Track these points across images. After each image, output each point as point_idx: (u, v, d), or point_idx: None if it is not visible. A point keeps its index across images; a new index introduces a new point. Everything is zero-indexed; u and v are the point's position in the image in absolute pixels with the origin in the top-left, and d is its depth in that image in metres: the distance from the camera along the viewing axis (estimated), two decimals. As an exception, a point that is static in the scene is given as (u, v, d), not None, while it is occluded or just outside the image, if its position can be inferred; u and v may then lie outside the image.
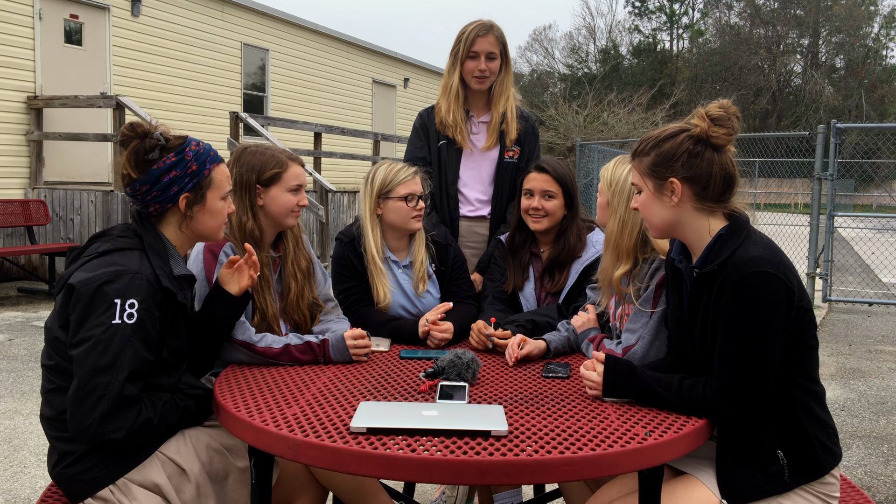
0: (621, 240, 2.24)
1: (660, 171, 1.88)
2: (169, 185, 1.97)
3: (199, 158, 2.01)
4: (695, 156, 1.85)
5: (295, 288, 2.46)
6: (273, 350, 2.20)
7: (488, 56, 3.07)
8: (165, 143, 1.97)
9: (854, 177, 24.07)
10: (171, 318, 1.97)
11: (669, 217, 1.91)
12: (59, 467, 1.91)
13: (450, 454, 1.55)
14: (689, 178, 1.86)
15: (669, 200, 1.89)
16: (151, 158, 1.96)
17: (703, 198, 1.87)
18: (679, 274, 2.00)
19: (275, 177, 2.38)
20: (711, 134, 1.84)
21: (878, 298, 9.37)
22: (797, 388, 1.83)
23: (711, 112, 1.85)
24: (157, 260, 1.94)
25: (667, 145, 1.87)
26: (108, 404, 1.76)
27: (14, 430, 4.15)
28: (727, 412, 1.79)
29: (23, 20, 9.83)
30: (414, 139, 3.25)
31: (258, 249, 2.35)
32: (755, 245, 1.79)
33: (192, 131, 2.06)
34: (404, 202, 2.65)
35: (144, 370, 1.85)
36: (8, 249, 8.20)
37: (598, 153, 16.66)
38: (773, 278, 1.74)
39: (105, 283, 1.82)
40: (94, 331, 1.79)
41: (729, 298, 1.77)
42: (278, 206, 2.39)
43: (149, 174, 1.96)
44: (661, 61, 46.02)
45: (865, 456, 4.09)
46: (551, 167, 2.72)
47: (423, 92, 19.66)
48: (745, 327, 1.75)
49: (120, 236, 1.98)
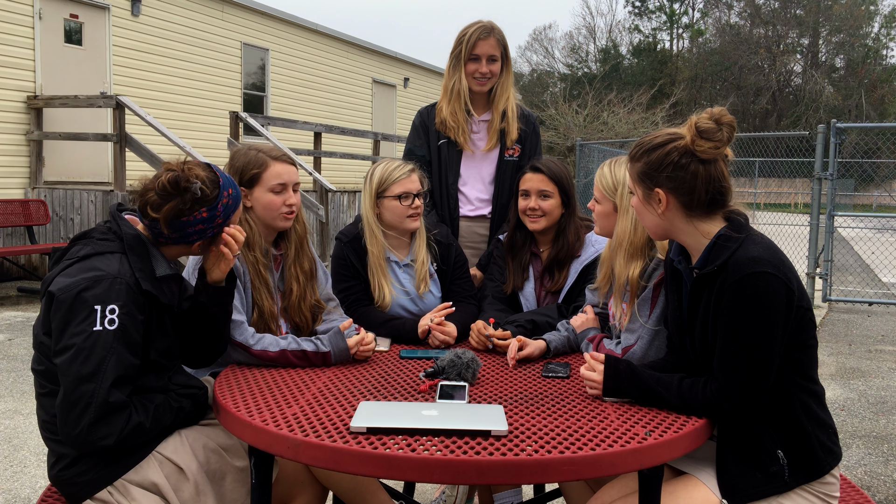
0: (635, 237, 2.22)
1: (646, 181, 1.88)
2: (191, 235, 1.98)
3: (227, 211, 2.00)
4: (680, 168, 1.83)
5: (297, 290, 2.44)
6: (269, 354, 2.19)
7: (489, 59, 3.06)
8: (201, 195, 1.94)
9: (854, 177, 24.04)
10: (157, 320, 1.95)
11: (660, 223, 1.91)
12: (55, 470, 1.91)
13: (450, 454, 1.55)
14: (674, 189, 1.85)
15: (656, 209, 1.89)
16: (184, 211, 1.94)
17: (690, 208, 1.86)
18: (678, 274, 2.00)
19: (255, 177, 2.34)
20: (696, 148, 1.82)
21: (878, 298, 9.37)
22: (797, 388, 1.83)
23: (700, 124, 1.81)
24: (137, 262, 1.92)
25: (655, 155, 1.86)
26: (95, 412, 1.74)
27: (14, 430, 4.15)
28: (726, 412, 1.79)
29: (23, 20, 9.82)
30: (413, 137, 3.25)
31: (250, 250, 2.33)
32: (755, 245, 1.79)
33: (192, 131, 2.06)
34: (398, 201, 2.65)
35: (131, 375, 1.83)
36: (8, 249, 8.20)
37: (597, 153, 16.66)
38: (773, 278, 1.74)
39: (84, 290, 1.80)
40: (75, 339, 1.77)
41: (729, 299, 1.77)
42: (262, 206, 2.35)
43: (177, 224, 1.94)
44: (661, 61, 46.01)
45: (865, 456, 4.09)
46: (546, 167, 2.72)
47: (423, 92, 19.65)
48: (745, 327, 1.75)
49: (101, 239, 1.95)
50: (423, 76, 20.06)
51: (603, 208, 2.31)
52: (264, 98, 14.49)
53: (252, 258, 2.33)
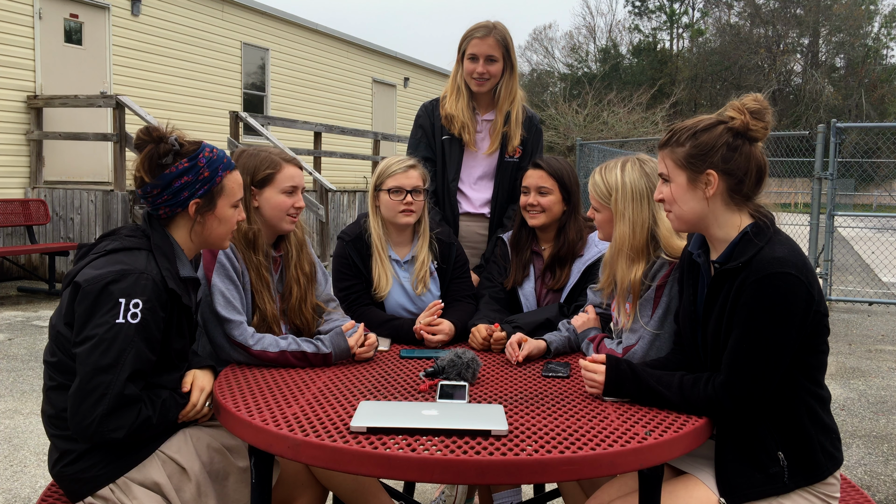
0: (634, 240, 2.21)
1: (696, 163, 1.86)
2: (180, 191, 1.97)
3: (212, 165, 2.01)
4: (733, 149, 1.84)
5: (297, 292, 2.44)
6: (268, 354, 2.20)
7: (487, 59, 3.03)
8: (179, 148, 1.98)
9: (854, 176, 24.05)
10: (177, 320, 1.97)
11: (700, 210, 1.89)
12: (59, 466, 1.91)
13: (450, 454, 1.55)
14: (726, 172, 1.85)
15: (703, 193, 1.87)
16: (165, 163, 1.96)
17: (736, 192, 1.86)
18: (695, 268, 1.99)
19: (268, 178, 2.37)
20: (751, 127, 1.83)
21: (878, 298, 9.37)
22: (804, 392, 1.83)
23: (750, 105, 1.84)
24: (163, 261, 1.95)
25: (705, 136, 1.86)
26: (109, 403, 1.76)
27: (14, 430, 4.15)
28: (726, 408, 1.79)
29: (23, 20, 9.82)
30: (417, 133, 3.22)
31: (253, 252, 2.34)
32: (780, 246, 1.79)
33: (193, 131, 2.06)
34: (389, 195, 2.67)
35: (146, 370, 1.86)
36: (8, 249, 8.20)
37: (597, 152, 16.65)
38: (795, 280, 1.73)
39: (111, 283, 1.82)
40: (97, 329, 1.79)
41: (749, 296, 1.76)
42: (272, 207, 2.37)
43: (161, 178, 1.96)
44: (661, 61, 46.00)
45: (865, 455, 4.09)
46: (546, 163, 2.73)
47: (423, 91, 19.65)
48: (761, 325, 1.75)
49: (129, 236, 1.99)
50: (423, 76, 20.06)
51: (603, 216, 2.30)
52: (264, 98, 14.49)
53: (256, 260, 2.34)
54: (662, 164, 1.94)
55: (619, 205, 2.22)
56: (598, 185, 2.28)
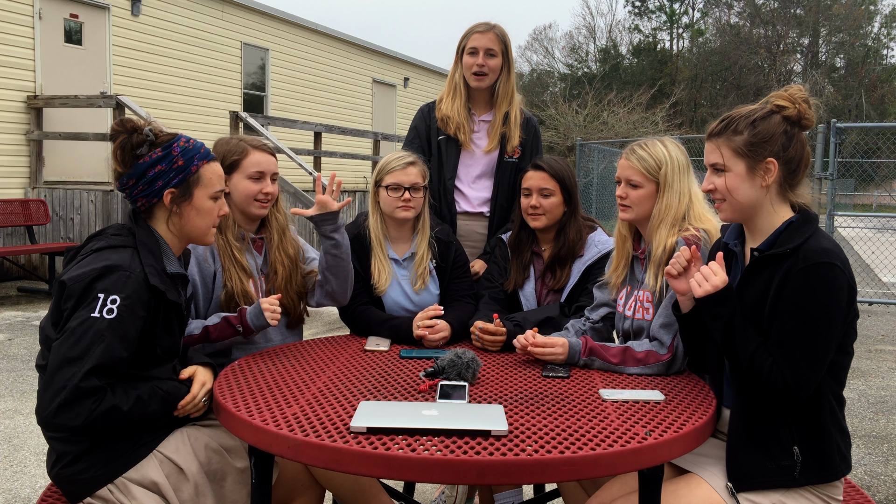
0: (679, 209, 2.26)
1: (756, 152, 1.87)
2: (154, 180, 1.98)
3: (187, 154, 2.01)
4: (790, 137, 1.87)
5: (282, 272, 2.52)
6: (194, 336, 2.29)
7: (487, 52, 3.05)
8: (154, 138, 1.99)
9: (854, 176, 24.03)
10: (164, 317, 1.97)
11: (756, 198, 1.90)
12: (57, 467, 1.91)
13: (450, 454, 1.54)
14: (785, 160, 1.87)
15: (762, 181, 1.88)
16: (139, 153, 1.97)
17: (789, 179, 1.89)
18: (728, 256, 2.02)
19: (235, 163, 2.43)
20: (805, 116, 1.87)
21: (878, 298, 9.37)
22: (829, 391, 1.83)
23: (799, 95, 1.88)
24: (148, 258, 1.94)
25: (762, 125, 1.88)
26: (66, 395, 1.74)
27: (14, 430, 4.15)
28: (779, 392, 1.76)
29: (23, 20, 9.82)
30: (411, 135, 3.24)
31: (220, 233, 2.41)
32: (826, 238, 1.82)
33: (193, 131, 2.07)
34: (387, 191, 2.70)
35: (115, 366, 1.82)
36: (8, 249, 8.20)
37: (597, 153, 16.66)
38: (841, 273, 1.76)
39: (95, 279, 1.83)
40: (72, 322, 1.80)
41: (796, 284, 1.76)
42: (239, 192, 2.44)
43: (135, 168, 1.97)
44: (661, 61, 45.99)
45: (865, 456, 4.09)
46: (548, 164, 2.73)
47: (423, 91, 19.66)
48: (808, 314, 1.75)
49: (114, 234, 1.99)
50: (423, 76, 20.06)
51: (646, 190, 2.30)
52: (264, 98, 14.49)
53: (222, 241, 2.41)
54: (716, 153, 1.92)
55: (668, 176, 2.27)
56: (644, 160, 2.29)
